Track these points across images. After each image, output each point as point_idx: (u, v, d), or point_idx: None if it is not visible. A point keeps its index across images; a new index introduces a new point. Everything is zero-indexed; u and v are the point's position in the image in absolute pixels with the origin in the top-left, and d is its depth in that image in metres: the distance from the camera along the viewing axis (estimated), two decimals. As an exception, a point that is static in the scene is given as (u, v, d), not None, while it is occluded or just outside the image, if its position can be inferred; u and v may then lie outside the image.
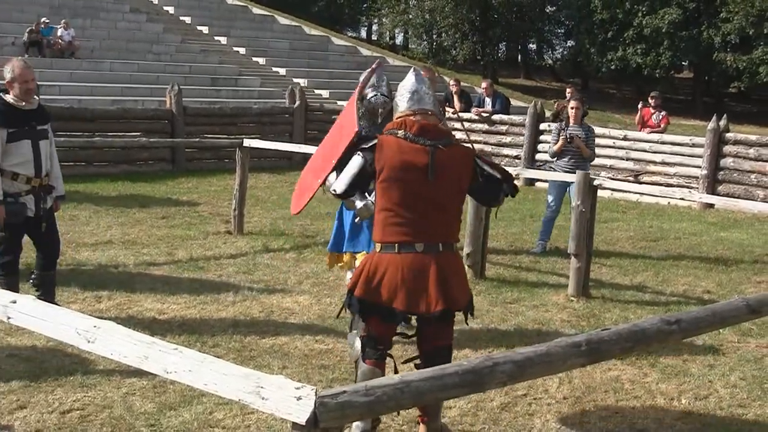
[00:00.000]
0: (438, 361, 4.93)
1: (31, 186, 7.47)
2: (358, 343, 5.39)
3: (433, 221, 5.15)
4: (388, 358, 5.43)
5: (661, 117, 18.10)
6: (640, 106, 19.00)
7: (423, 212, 5.13)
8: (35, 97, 7.62)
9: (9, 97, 7.38)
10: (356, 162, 5.27)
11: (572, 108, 12.04)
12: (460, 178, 5.26)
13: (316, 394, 2.80)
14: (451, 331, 5.39)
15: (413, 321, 5.34)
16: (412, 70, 5.63)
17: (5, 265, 7.56)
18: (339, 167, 5.39)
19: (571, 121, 11.91)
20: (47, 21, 29.46)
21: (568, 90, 18.91)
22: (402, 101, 5.44)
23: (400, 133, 5.21)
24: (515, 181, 5.60)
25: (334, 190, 5.36)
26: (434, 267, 5.10)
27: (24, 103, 7.42)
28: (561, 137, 11.79)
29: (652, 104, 18.26)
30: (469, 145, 5.98)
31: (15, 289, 7.00)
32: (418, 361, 5.41)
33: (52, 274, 7.91)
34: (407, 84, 5.47)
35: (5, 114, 7.32)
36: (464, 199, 5.45)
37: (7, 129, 7.29)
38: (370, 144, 5.24)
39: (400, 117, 5.37)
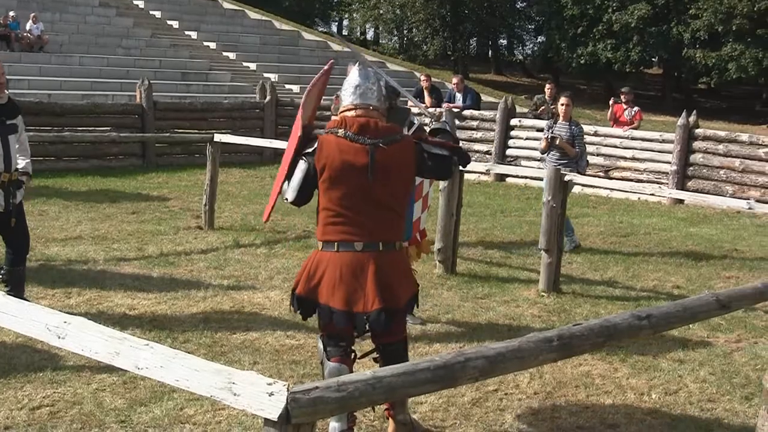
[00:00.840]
0: (393, 356, 4.98)
1: (1, 181, 7.42)
2: (320, 343, 5.37)
3: (374, 220, 5.12)
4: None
5: (634, 113, 17.87)
6: (611, 102, 18.80)
7: (363, 211, 5.10)
8: (5, 91, 7.57)
9: (-23, 92, 7.33)
10: (301, 167, 5.21)
11: (562, 104, 11.80)
12: (405, 174, 5.25)
13: (288, 390, 2.80)
14: (401, 326, 5.39)
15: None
16: (356, 65, 5.61)
17: (-26, 261, 7.52)
18: (289, 174, 5.31)
19: (561, 118, 11.76)
20: (14, 15, 29.21)
21: (547, 86, 18.79)
22: (345, 96, 5.39)
23: (341, 132, 5.15)
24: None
25: (286, 199, 5.29)
26: (373, 266, 5.07)
27: (-7, 98, 7.37)
28: (544, 137, 11.74)
29: (624, 100, 18.05)
30: (412, 128, 5.86)
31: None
32: (375, 355, 5.45)
33: (21, 269, 7.86)
34: (351, 79, 5.41)
35: (-26, 109, 7.27)
36: (409, 196, 5.42)
37: (-24, 124, 7.24)
38: (313, 147, 5.20)
39: (342, 112, 5.33)
